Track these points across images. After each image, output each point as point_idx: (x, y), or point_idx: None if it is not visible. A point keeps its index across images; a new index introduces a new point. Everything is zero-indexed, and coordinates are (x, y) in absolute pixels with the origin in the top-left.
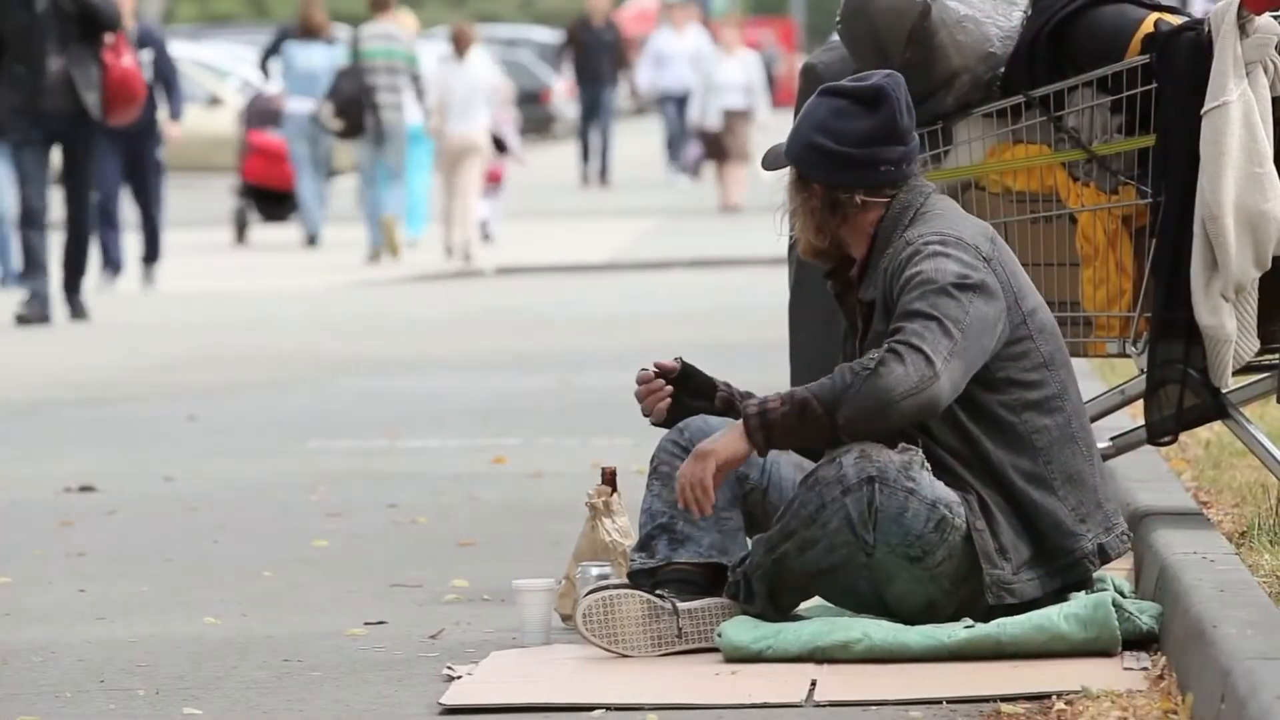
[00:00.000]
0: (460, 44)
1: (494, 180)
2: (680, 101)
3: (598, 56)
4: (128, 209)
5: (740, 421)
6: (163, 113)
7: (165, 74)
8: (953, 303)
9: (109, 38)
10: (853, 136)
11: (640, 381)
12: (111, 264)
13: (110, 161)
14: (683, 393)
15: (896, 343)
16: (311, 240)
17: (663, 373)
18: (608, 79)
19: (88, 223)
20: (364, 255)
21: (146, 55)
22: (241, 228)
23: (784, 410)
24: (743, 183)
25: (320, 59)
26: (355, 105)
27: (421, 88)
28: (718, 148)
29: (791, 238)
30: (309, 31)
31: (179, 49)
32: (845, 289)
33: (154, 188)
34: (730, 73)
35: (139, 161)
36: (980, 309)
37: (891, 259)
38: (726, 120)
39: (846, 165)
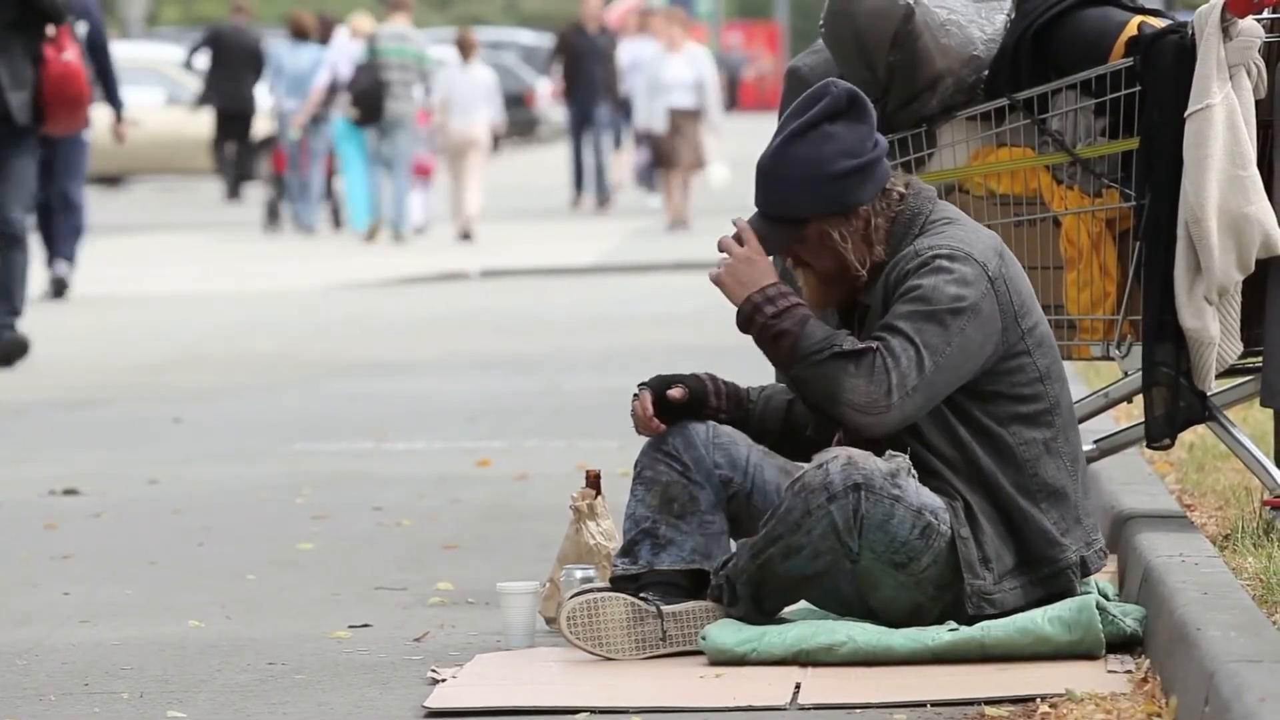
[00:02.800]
0: (465, 49)
1: (423, 173)
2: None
3: (590, 65)
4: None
5: (748, 294)
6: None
7: (97, 46)
8: (939, 331)
9: (50, 30)
10: (862, 143)
11: (638, 413)
12: (59, 253)
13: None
14: (679, 412)
15: (876, 354)
16: (303, 228)
17: (670, 404)
18: (600, 89)
19: (24, 247)
20: (362, 234)
21: (81, 28)
22: (274, 215)
23: (773, 326)
24: (692, 193)
25: (308, 60)
26: (370, 97)
27: (430, 84)
28: (664, 153)
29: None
30: (299, 34)
31: (163, 51)
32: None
33: (74, 166)
34: (677, 70)
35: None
36: (969, 335)
37: (896, 266)
38: (672, 120)
39: (870, 171)
